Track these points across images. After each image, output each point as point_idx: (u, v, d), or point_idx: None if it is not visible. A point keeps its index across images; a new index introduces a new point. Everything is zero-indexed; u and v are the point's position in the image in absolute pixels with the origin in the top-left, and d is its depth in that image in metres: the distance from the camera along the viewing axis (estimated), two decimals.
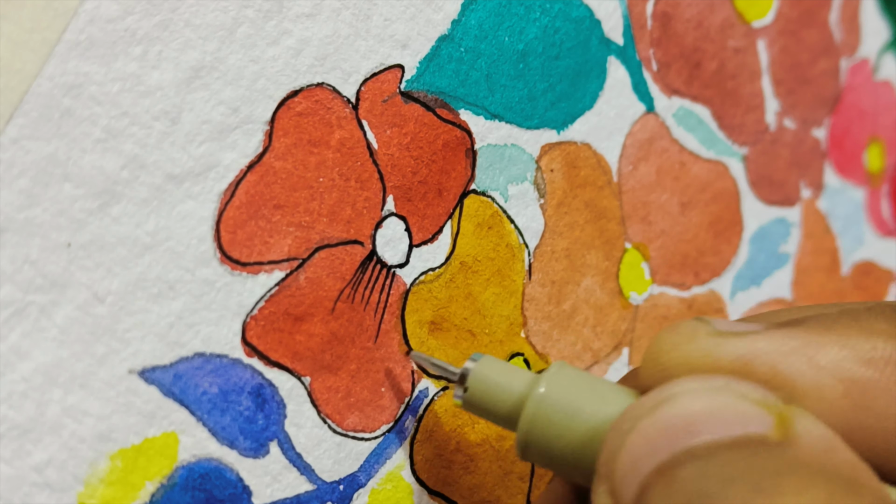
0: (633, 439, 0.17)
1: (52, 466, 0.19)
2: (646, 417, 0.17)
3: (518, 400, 0.20)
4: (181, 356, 0.21)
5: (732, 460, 0.16)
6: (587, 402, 0.19)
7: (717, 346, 0.18)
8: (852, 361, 0.18)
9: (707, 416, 0.17)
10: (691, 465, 0.16)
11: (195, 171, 0.21)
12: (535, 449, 0.20)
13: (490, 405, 0.21)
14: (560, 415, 0.19)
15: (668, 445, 0.17)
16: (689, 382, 0.18)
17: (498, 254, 0.26)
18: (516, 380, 0.21)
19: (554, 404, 0.19)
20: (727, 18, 0.33)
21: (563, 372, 0.20)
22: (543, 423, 0.19)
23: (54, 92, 0.19)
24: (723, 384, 0.17)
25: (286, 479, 0.22)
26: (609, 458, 0.18)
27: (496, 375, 0.21)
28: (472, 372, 0.21)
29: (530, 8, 0.27)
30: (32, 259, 0.19)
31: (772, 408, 0.17)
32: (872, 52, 0.39)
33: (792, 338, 0.18)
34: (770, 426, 0.17)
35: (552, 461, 0.20)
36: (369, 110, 0.24)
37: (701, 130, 0.32)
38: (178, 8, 0.21)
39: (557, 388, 0.20)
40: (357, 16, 0.23)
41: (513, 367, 0.21)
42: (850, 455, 0.17)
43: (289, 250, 0.22)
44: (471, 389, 0.21)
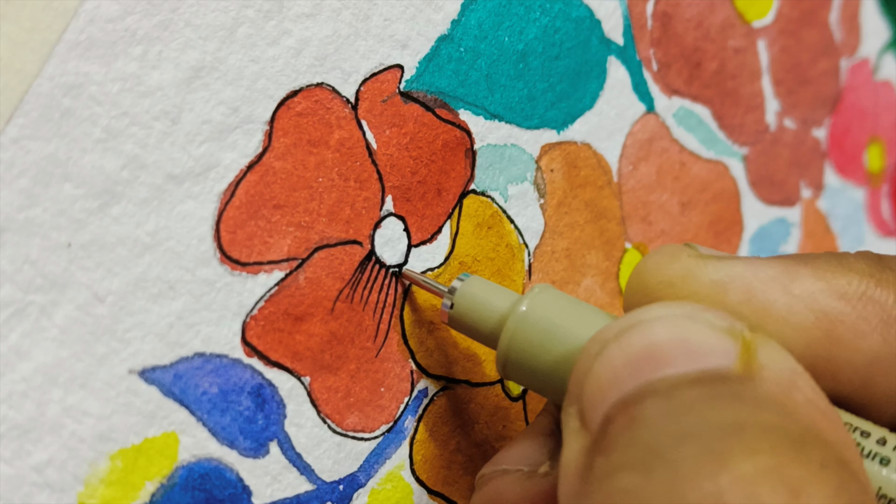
0: (599, 365, 0.17)
1: (52, 466, 0.19)
2: (613, 343, 0.17)
3: (501, 318, 0.21)
4: (181, 356, 0.21)
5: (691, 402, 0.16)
6: (566, 323, 0.20)
7: (696, 268, 0.19)
8: (826, 294, 0.18)
9: (671, 346, 0.17)
10: (652, 402, 0.16)
11: (195, 171, 0.21)
12: (514, 366, 0.20)
13: (474, 322, 0.22)
14: (539, 334, 0.20)
15: (632, 377, 0.17)
16: (658, 309, 0.18)
17: (498, 254, 0.26)
18: (501, 299, 0.21)
19: (534, 323, 0.20)
20: (727, 18, 0.33)
21: (546, 293, 0.20)
22: (522, 341, 0.20)
23: (54, 92, 0.19)
24: (691, 311, 0.17)
25: (286, 479, 0.22)
26: (578, 380, 0.18)
27: (482, 294, 0.22)
28: (459, 289, 0.22)
29: (530, 8, 0.27)
30: (32, 259, 0.19)
31: (737, 336, 0.17)
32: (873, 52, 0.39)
33: (770, 267, 0.19)
34: (734, 357, 0.17)
35: (530, 379, 0.20)
36: (369, 110, 0.24)
37: (701, 130, 0.32)
38: (178, 8, 0.21)
39: (539, 308, 0.20)
40: (357, 16, 0.23)
41: (499, 288, 0.22)
42: (811, 391, 0.17)
43: (288, 250, 0.22)
44: (457, 306, 0.22)
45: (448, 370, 0.25)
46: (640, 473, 0.15)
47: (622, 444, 0.16)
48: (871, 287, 0.18)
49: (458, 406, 0.25)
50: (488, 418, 0.26)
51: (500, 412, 0.26)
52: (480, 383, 0.26)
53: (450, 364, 0.25)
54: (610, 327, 0.18)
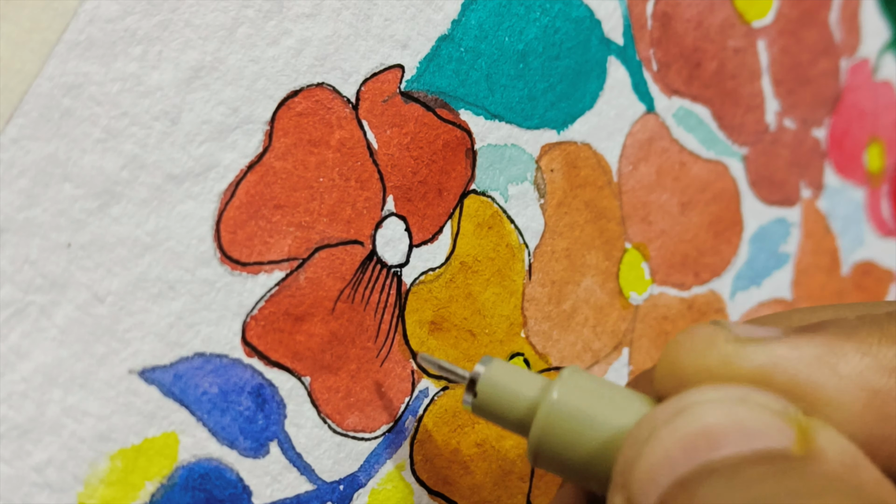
0: (651, 450, 0.17)
1: (52, 466, 0.19)
2: (664, 427, 0.17)
3: (530, 406, 0.20)
4: (181, 356, 0.21)
5: (755, 478, 0.16)
6: (601, 410, 0.19)
7: (736, 355, 0.18)
8: (874, 371, 0.18)
9: (727, 428, 0.17)
10: (712, 481, 0.16)
11: (195, 171, 0.21)
12: (547, 456, 0.19)
13: (501, 411, 0.20)
14: (573, 422, 0.19)
15: (688, 459, 0.16)
16: (708, 392, 0.17)
17: (498, 254, 0.26)
18: (528, 385, 0.20)
19: (566, 411, 0.19)
20: (727, 18, 0.33)
21: (575, 377, 0.20)
22: (556, 430, 0.19)
23: (54, 92, 0.19)
24: (742, 394, 0.17)
25: (286, 479, 0.22)
26: (626, 467, 0.17)
27: (507, 380, 0.20)
28: (483, 377, 0.20)
29: (530, 8, 0.27)
30: (32, 259, 0.19)
31: (793, 420, 0.17)
32: (872, 53, 0.39)
33: (813, 345, 0.18)
34: (792, 439, 0.16)
35: (564, 469, 0.19)
36: (369, 110, 0.24)
37: (701, 130, 0.32)
38: (178, 8, 0.21)
39: (570, 395, 0.19)
40: (357, 16, 0.23)
41: (523, 372, 0.21)
42: (874, 472, 0.16)
43: (289, 250, 0.22)
44: (481, 395, 0.20)
45: None
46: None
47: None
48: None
49: (458, 406, 0.25)
50: None
51: None
52: None
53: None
54: (658, 412, 0.17)
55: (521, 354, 0.27)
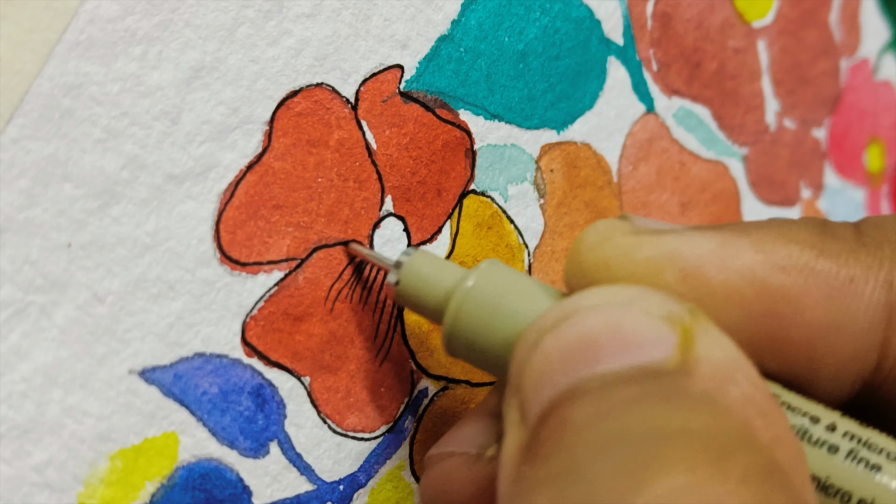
0: (535, 357, 0.17)
1: (52, 466, 0.19)
2: (549, 333, 0.17)
3: (447, 293, 0.20)
4: (181, 356, 0.21)
5: (622, 403, 0.15)
6: (513, 301, 0.19)
7: (633, 246, 0.18)
8: (766, 267, 0.18)
9: (606, 338, 0.16)
10: (582, 405, 0.16)
11: (195, 171, 0.21)
12: (459, 344, 0.20)
13: (420, 297, 0.21)
14: (484, 312, 0.19)
15: (568, 369, 0.16)
16: (595, 295, 0.17)
17: (498, 254, 0.26)
18: (447, 274, 0.21)
19: (479, 300, 0.19)
20: (727, 19, 0.33)
21: (493, 269, 0.20)
22: (467, 318, 0.19)
23: (54, 92, 0.19)
24: (629, 297, 0.17)
25: (286, 480, 0.22)
26: (517, 370, 0.17)
27: (428, 269, 0.21)
28: (406, 263, 0.21)
29: (530, 8, 0.27)
30: (32, 259, 0.19)
31: (676, 323, 0.16)
32: (872, 53, 0.39)
33: (708, 240, 0.18)
34: (671, 348, 0.16)
35: (475, 357, 0.20)
36: (368, 110, 0.24)
37: (701, 131, 0.32)
38: (178, 8, 0.21)
39: (485, 285, 0.19)
40: (357, 16, 0.23)
41: (446, 262, 0.21)
42: (748, 385, 0.16)
43: (288, 250, 0.22)
44: (403, 281, 0.21)
45: (448, 370, 0.25)
46: (557, 490, 0.15)
47: (547, 452, 0.15)
48: (814, 258, 0.18)
49: (458, 406, 0.25)
50: None
51: None
52: (480, 383, 0.26)
53: (450, 364, 0.25)
54: (547, 315, 0.17)
55: None
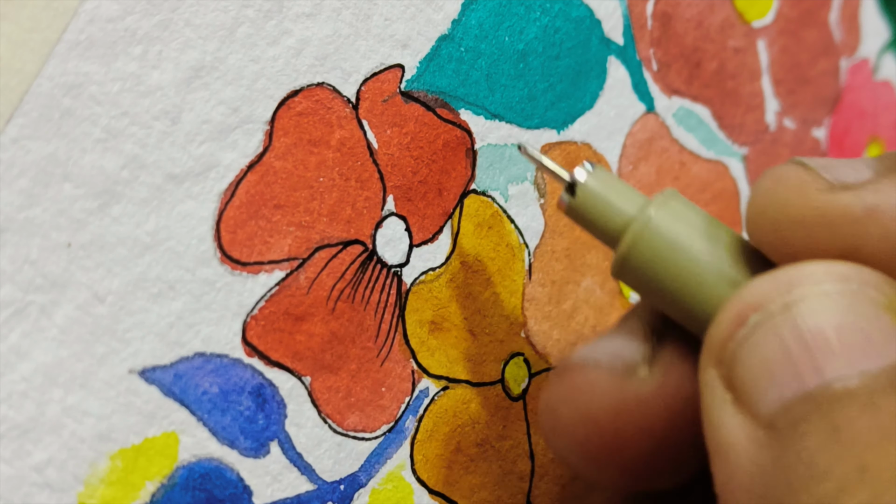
0: (766, 341, 0.16)
1: (52, 466, 0.19)
2: (780, 318, 0.16)
3: (625, 219, 0.20)
4: (181, 356, 0.21)
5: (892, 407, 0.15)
6: (694, 243, 0.19)
7: (831, 204, 0.17)
8: None
9: (849, 336, 0.16)
10: (849, 404, 0.15)
11: (195, 170, 0.21)
12: (630, 273, 0.20)
13: (596, 218, 0.20)
14: (662, 247, 0.19)
15: (814, 368, 0.16)
16: (821, 280, 0.16)
17: (498, 254, 0.26)
18: (627, 198, 0.20)
19: (660, 232, 0.19)
20: (727, 18, 0.33)
21: (673, 200, 0.20)
22: (644, 251, 0.19)
23: (54, 92, 0.19)
24: (857, 286, 0.16)
25: (287, 479, 0.22)
26: (722, 342, 0.17)
27: (608, 189, 0.20)
28: (583, 184, 0.20)
29: (530, 8, 0.27)
30: (32, 259, 0.19)
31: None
32: (872, 52, 0.39)
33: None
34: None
35: (643, 288, 0.20)
36: (369, 110, 0.24)
37: (701, 130, 0.32)
38: (178, 8, 0.21)
39: (666, 217, 0.19)
40: (357, 15, 0.23)
41: (625, 185, 0.21)
42: None
43: (289, 250, 0.22)
44: (579, 198, 0.21)
45: (449, 370, 0.25)
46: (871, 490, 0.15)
47: (830, 454, 0.15)
48: None
49: (459, 406, 0.25)
50: (489, 418, 0.26)
51: (500, 412, 0.26)
52: (481, 383, 0.26)
53: (451, 364, 0.25)
54: (765, 290, 0.17)
55: (521, 354, 0.27)
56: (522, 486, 0.27)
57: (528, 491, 0.27)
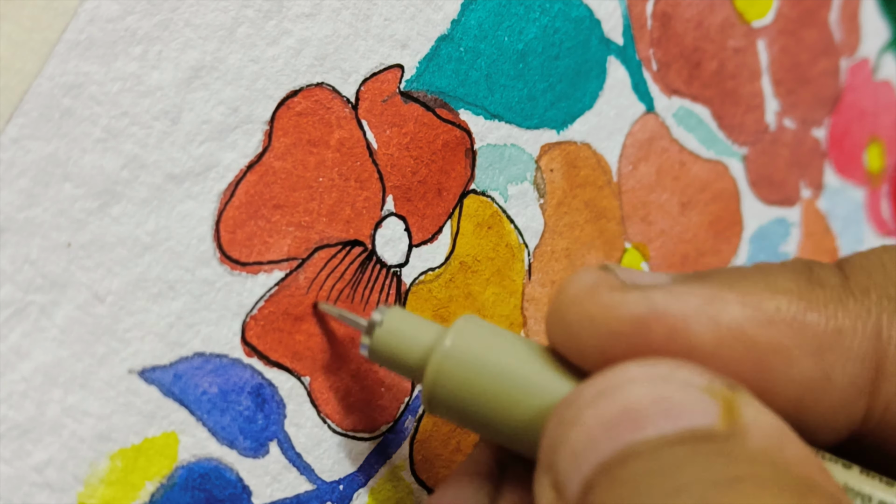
0: (575, 432, 0.17)
1: (52, 466, 0.19)
2: (587, 409, 0.17)
3: (424, 353, 0.20)
4: (181, 356, 0.21)
5: (678, 460, 0.15)
6: (496, 359, 0.19)
7: (618, 303, 0.18)
8: (754, 322, 0.17)
9: (650, 407, 0.16)
10: (635, 464, 0.16)
11: (195, 170, 0.21)
12: (442, 406, 0.20)
13: (396, 357, 0.20)
14: (466, 371, 0.19)
15: (610, 440, 0.16)
16: (631, 369, 0.17)
17: (498, 254, 0.26)
18: (423, 332, 0.20)
19: (460, 359, 0.19)
20: (727, 18, 0.33)
21: (470, 325, 0.20)
22: (449, 378, 0.19)
23: (54, 92, 0.19)
24: (667, 371, 0.17)
25: (286, 479, 0.22)
26: (550, 450, 0.17)
27: (404, 327, 0.20)
28: (380, 323, 0.21)
29: (530, 8, 0.27)
30: (32, 259, 0.19)
31: (717, 394, 0.16)
32: (872, 52, 0.39)
33: (694, 294, 0.18)
34: (716, 416, 0.16)
35: (458, 417, 0.20)
36: (369, 110, 0.24)
37: (701, 130, 0.32)
38: (178, 8, 0.21)
39: (464, 343, 0.19)
40: (357, 16, 0.23)
41: (420, 319, 0.21)
42: (800, 447, 0.16)
43: (288, 250, 0.22)
44: (376, 340, 0.21)
45: None
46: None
47: (608, 500, 0.15)
48: (801, 311, 0.18)
49: None
50: None
51: None
52: None
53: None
54: (582, 392, 0.17)
55: None
56: None
57: None
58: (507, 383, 0.19)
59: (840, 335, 0.18)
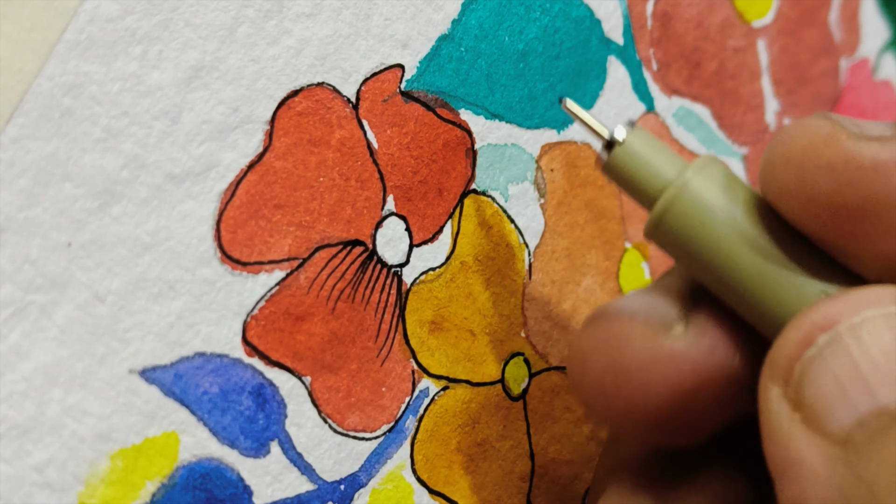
0: (837, 361, 0.16)
1: (53, 466, 0.19)
2: (850, 337, 0.17)
3: (661, 184, 0.20)
4: (182, 356, 0.21)
5: None
6: (729, 208, 0.19)
7: (860, 151, 0.18)
8: None
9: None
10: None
11: (195, 170, 0.21)
12: (665, 238, 0.20)
13: (632, 178, 0.21)
14: (698, 215, 0.19)
15: (888, 386, 0.16)
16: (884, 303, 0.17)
17: (498, 253, 0.26)
18: (665, 162, 0.20)
19: (695, 202, 0.19)
20: (727, 18, 0.33)
21: (712, 167, 0.20)
22: (680, 216, 0.20)
23: (54, 91, 0.19)
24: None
25: (287, 479, 0.22)
26: (789, 362, 0.17)
27: (646, 151, 0.21)
28: (622, 143, 0.21)
29: (530, 7, 0.27)
30: (33, 259, 0.19)
31: None
32: (872, 52, 0.39)
33: None
34: None
35: (679, 254, 0.20)
36: (369, 110, 0.24)
37: (701, 130, 0.32)
38: (178, 7, 0.21)
39: (704, 186, 0.20)
40: (357, 15, 0.23)
41: (664, 147, 0.21)
42: None
43: (289, 250, 0.22)
44: (617, 157, 0.21)
45: (449, 370, 0.25)
46: None
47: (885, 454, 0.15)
48: None
49: (459, 406, 0.25)
50: (489, 418, 0.26)
51: (500, 412, 0.26)
52: (481, 383, 0.26)
53: (451, 364, 0.25)
54: (828, 313, 0.17)
55: (521, 354, 0.27)
56: (522, 487, 0.27)
57: (529, 491, 0.27)
58: (732, 238, 0.19)
59: None
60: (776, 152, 0.19)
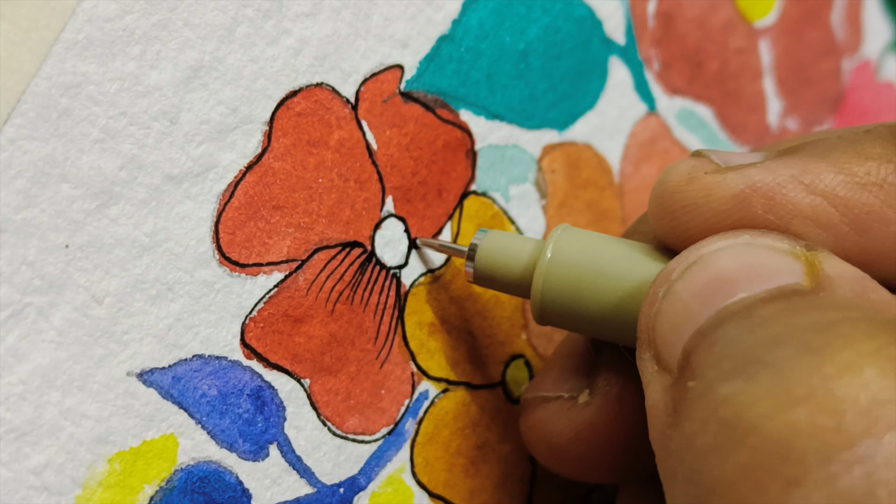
0: (669, 304, 0.18)
1: (50, 469, 0.19)
2: (679, 281, 0.18)
3: (526, 268, 0.21)
4: (180, 358, 0.21)
5: (771, 316, 0.16)
6: (598, 261, 0.20)
7: (717, 185, 0.19)
8: (846, 187, 0.18)
9: (738, 272, 0.17)
10: (730, 325, 0.17)
11: (194, 171, 0.21)
12: (552, 314, 0.21)
13: (501, 276, 0.22)
14: (570, 277, 0.20)
15: (704, 307, 0.17)
16: (717, 240, 0.18)
17: None
18: (523, 247, 0.21)
19: (564, 267, 0.20)
20: (729, 18, 0.32)
21: (566, 233, 0.21)
22: (556, 285, 0.20)
23: (52, 92, 0.19)
24: (748, 239, 0.18)
25: (286, 482, 0.22)
26: (647, 324, 0.18)
27: (503, 245, 0.22)
28: (480, 246, 0.22)
29: (531, 7, 0.27)
30: (30, 260, 0.19)
31: (799, 255, 0.17)
32: (875, 53, 0.39)
33: (788, 167, 0.19)
34: (801, 274, 0.17)
35: (569, 323, 0.21)
36: (369, 110, 0.23)
37: (703, 131, 0.32)
38: (176, 7, 0.20)
39: (564, 251, 0.20)
40: (357, 15, 0.23)
41: (518, 237, 0.22)
42: (883, 292, 0.17)
43: (288, 251, 0.22)
44: (479, 263, 0.22)
45: (449, 372, 0.25)
46: (741, 380, 0.16)
47: (711, 363, 0.16)
48: (891, 172, 0.19)
49: (459, 408, 0.25)
50: (489, 421, 0.25)
51: (500, 414, 0.26)
52: (481, 385, 0.25)
53: (451, 366, 0.25)
54: (671, 267, 0.18)
55: (521, 356, 0.26)
56: (523, 489, 0.26)
57: (529, 494, 0.27)
58: (611, 279, 0.20)
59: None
60: (652, 201, 0.20)
